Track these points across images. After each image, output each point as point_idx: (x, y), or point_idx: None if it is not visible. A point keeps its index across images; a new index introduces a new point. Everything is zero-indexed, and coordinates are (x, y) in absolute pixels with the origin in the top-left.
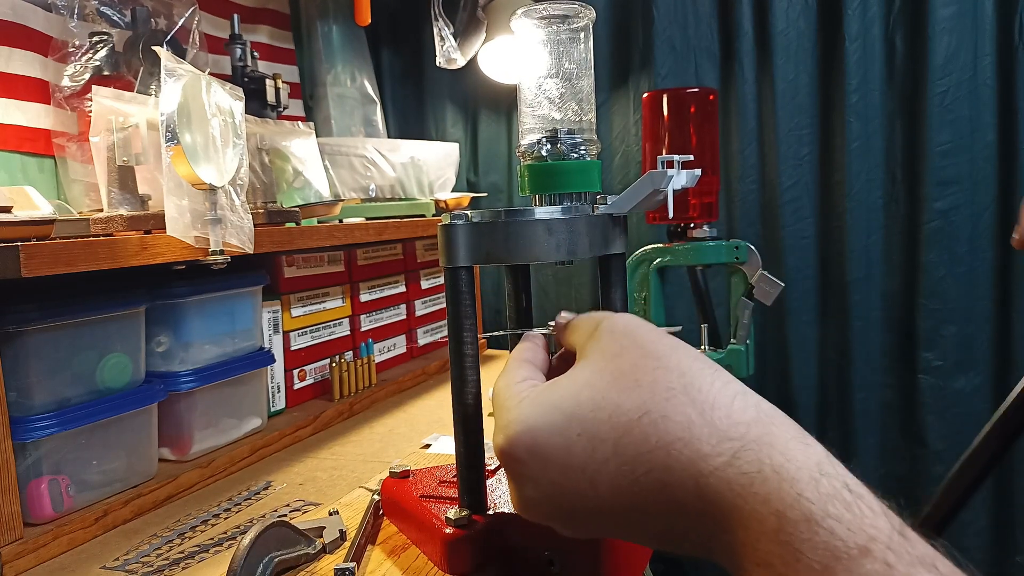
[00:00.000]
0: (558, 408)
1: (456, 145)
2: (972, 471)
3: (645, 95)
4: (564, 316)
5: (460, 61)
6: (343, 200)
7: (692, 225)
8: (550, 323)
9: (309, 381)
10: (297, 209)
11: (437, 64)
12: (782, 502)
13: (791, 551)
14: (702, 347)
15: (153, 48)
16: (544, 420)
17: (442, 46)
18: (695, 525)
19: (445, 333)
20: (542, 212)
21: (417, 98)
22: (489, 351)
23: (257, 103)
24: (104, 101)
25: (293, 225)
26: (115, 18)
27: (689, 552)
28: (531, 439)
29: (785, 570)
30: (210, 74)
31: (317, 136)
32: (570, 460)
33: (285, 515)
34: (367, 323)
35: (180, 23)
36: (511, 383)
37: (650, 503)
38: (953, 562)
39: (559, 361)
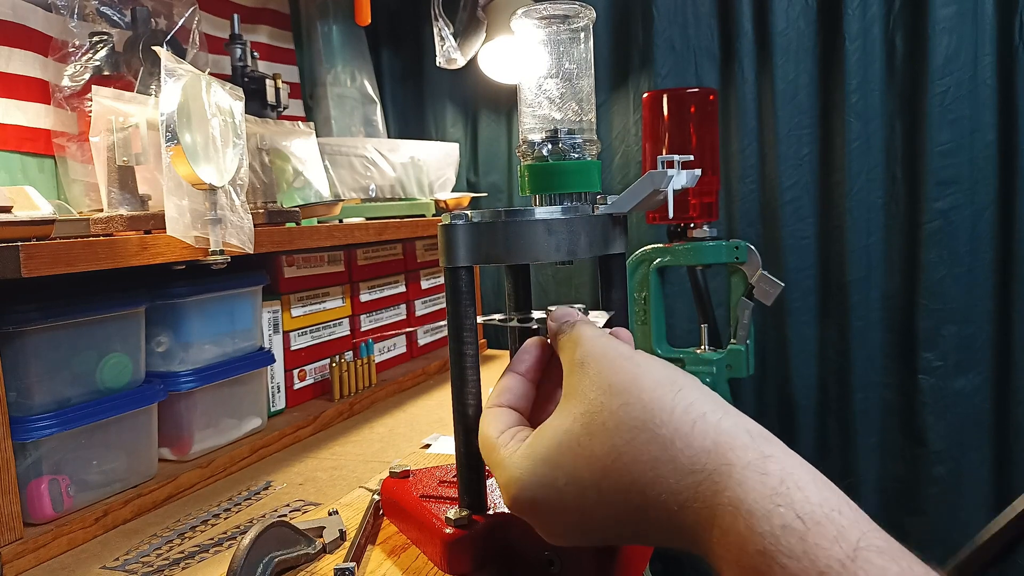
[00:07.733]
0: (544, 460)
1: (456, 145)
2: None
3: (645, 95)
4: (556, 320)
5: (460, 61)
6: (343, 200)
7: (692, 225)
8: (538, 315)
9: (309, 381)
10: (297, 209)
11: (437, 64)
12: (739, 536)
13: None
14: (702, 347)
15: (153, 48)
16: (535, 476)
17: (442, 46)
18: (686, 546)
19: (445, 333)
20: (542, 212)
21: (417, 98)
22: (489, 351)
23: (257, 103)
24: (104, 101)
25: (293, 225)
26: (115, 18)
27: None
28: (529, 495)
29: None
30: (210, 74)
31: (317, 136)
32: (565, 506)
33: (285, 515)
34: (367, 323)
35: (180, 23)
36: (493, 437)
37: (643, 529)
38: (928, 567)
39: (548, 380)
